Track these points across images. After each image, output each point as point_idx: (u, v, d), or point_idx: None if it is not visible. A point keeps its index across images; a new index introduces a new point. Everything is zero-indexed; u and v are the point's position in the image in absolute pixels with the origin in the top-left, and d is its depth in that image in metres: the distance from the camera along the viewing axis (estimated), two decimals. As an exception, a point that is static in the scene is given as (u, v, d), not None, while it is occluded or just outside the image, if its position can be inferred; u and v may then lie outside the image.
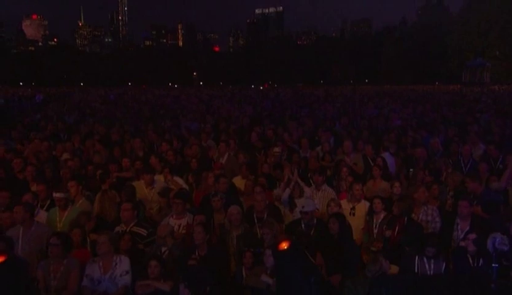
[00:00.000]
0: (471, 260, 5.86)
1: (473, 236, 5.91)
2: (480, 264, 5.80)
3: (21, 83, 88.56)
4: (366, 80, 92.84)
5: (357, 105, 25.81)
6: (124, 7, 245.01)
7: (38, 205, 7.49)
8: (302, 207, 6.95)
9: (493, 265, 5.14)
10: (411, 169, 9.63)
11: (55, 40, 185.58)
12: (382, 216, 7.25)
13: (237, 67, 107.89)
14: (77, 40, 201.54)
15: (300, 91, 49.67)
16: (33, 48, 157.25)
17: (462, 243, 6.11)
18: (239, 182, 8.88)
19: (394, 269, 6.25)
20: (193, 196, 8.62)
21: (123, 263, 5.78)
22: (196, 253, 6.14)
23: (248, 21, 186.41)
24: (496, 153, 10.12)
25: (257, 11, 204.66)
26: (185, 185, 8.73)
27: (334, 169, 9.61)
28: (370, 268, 5.71)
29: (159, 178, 8.74)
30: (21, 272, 5.31)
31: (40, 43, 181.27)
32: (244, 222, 6.99)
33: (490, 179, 8.21)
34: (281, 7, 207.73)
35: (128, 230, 6.62)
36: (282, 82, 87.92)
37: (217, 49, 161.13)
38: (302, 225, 6.90)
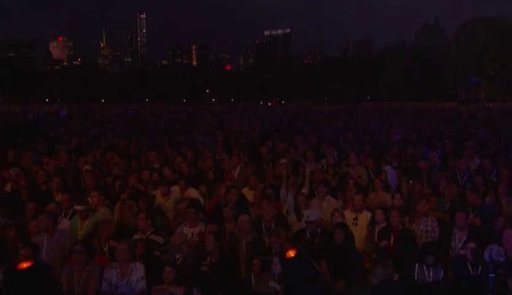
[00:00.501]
0: (470, 268, 5.81)
1: (472, 245, 5.86)
2: (479, 272, 5.73)
3: (47, 100, 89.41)
4: (368, 97, 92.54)
5: (360, 120, 25.80)
6: (143, 29, 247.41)
7: (62, 214, 7.53)
8: (307, 217, 6.93)
9: (490, 275, 5.09)
10: (411, 181, 9.59)
11: (79, 60, 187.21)
12: (383, 226, 7.21)
13: (247, 85, 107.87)
14: (99, 60, 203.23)
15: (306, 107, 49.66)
16: (59, 68, 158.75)
17: (461, 252, 6.06)
18: (247, 192, 8.86)
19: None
20: (206, 206, 8.61)
21: (138, 270, 5.78)
22: (208, 260, 6.13)
23: (257, 42, 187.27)
24: (490, 167, 10.12)
25: (266, 33, 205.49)
26: (199, 196, 8.72)
27: (339, 181, 9.58)
28: (377, 274, 5.68)
29: (175, 189, 8.74)
30: (46, 277, 5.31)
31: (65, 63, 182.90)
32: (253, 231, 6.97)
33: (487, 193, 8.19)
34: (288, 29, 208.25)
35: (145, 238, 6.63)
36: (288, 99, 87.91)
37: (228, 68, 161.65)
38: (308, 234, 6.87)
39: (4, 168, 9.82)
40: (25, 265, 4.76)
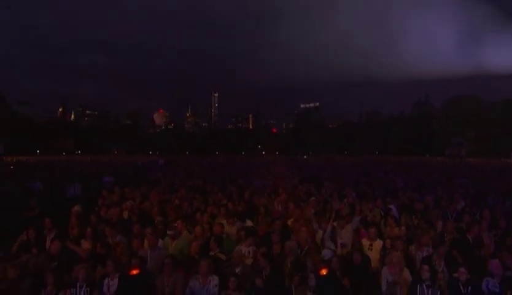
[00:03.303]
0: (462, 288, 5.40)
1: (463, 269, 5.47)
2: (469, 292, 5.32)
3: (150, 153, 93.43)
4: (377, 152, 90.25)
5: (371, 170, 25.10)
6: (216, 103, 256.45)
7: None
8: (323, 256, 6.73)
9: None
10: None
11: (172, 125, 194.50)
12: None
13: (288, 143, 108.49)
14: (186, 125, 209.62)
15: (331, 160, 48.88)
16: (158, 130, 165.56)
17: (455, 275, 5.65)
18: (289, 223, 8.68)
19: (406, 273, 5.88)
20: (259, 232, 8.49)
21: (214, 280, 5.73)
22: (263, 273, 6.02)
23: (296, 112, 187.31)
24: (474, 208, 9.55)
25: (302, 105, 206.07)
26: (253, 225, 8.62)
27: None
28: (389, 289, 5.45)
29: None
30: (150, 282, 5.39)
31: (163, 127, 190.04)
32: (294, 252, 6.80)
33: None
34: (318, 103, 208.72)
35: (214, 254, 6.63)
36: (318, 153, 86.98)
37: (274, 131, 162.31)
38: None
39: (122, 201, 10.21)
40: (135, 272, 4.88)
